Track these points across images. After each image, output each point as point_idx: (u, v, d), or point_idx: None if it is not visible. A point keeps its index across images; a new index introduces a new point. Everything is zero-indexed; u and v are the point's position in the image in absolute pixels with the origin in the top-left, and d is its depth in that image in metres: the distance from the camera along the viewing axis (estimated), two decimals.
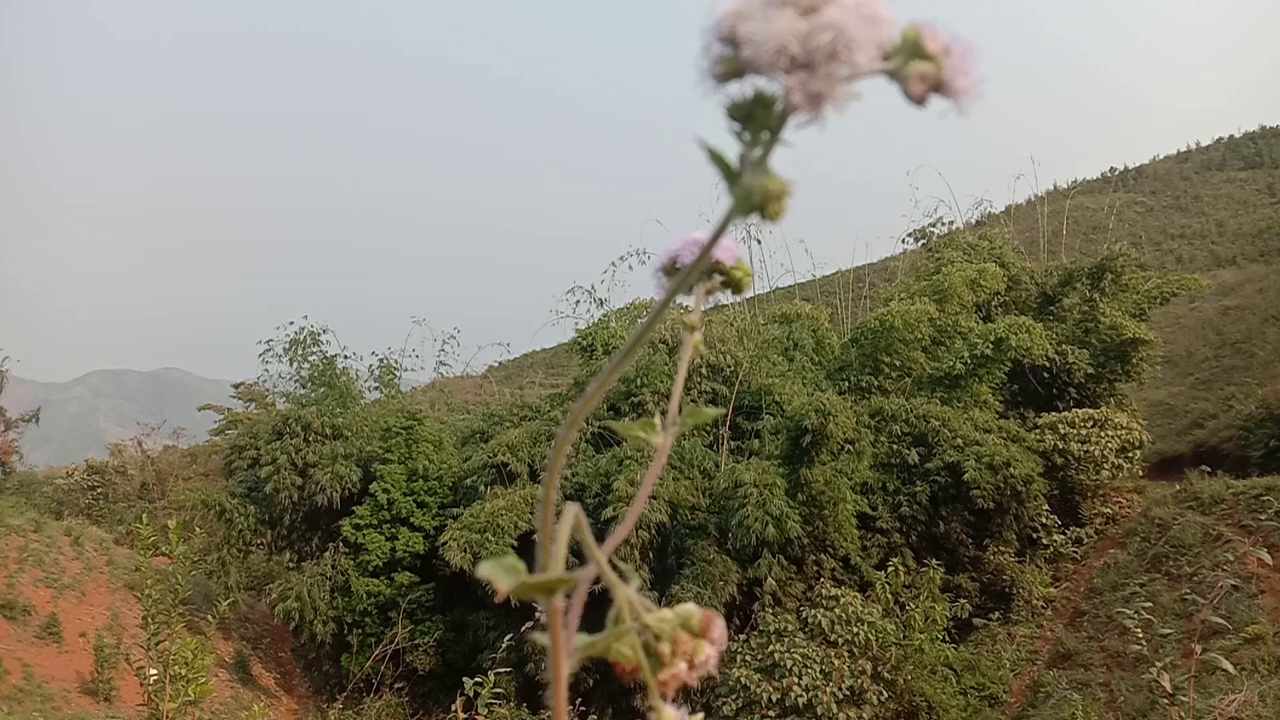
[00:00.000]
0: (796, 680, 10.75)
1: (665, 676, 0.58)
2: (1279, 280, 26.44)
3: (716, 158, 0.45)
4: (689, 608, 0.59)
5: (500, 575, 0.51)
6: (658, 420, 0.59)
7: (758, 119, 0.44)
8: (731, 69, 0.45)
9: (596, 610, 0.61)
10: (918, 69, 0.45)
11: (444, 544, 14.02)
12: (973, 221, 23.86)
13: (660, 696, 0.58)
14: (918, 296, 16.72)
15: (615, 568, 0.56)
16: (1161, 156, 52.46)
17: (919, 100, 0.46)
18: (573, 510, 0.54)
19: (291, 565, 16.57)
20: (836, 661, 11.04)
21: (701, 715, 0.61)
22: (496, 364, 36.24)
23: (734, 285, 0.61)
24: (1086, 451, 15.04)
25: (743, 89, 0.45)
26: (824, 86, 0.43)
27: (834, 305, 24.44)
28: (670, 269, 0.60)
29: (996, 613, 13.94)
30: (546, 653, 0.57)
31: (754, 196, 0.45)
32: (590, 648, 0.57)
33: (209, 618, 12.77)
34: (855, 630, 11.34)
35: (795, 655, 11.00)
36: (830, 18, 0.42)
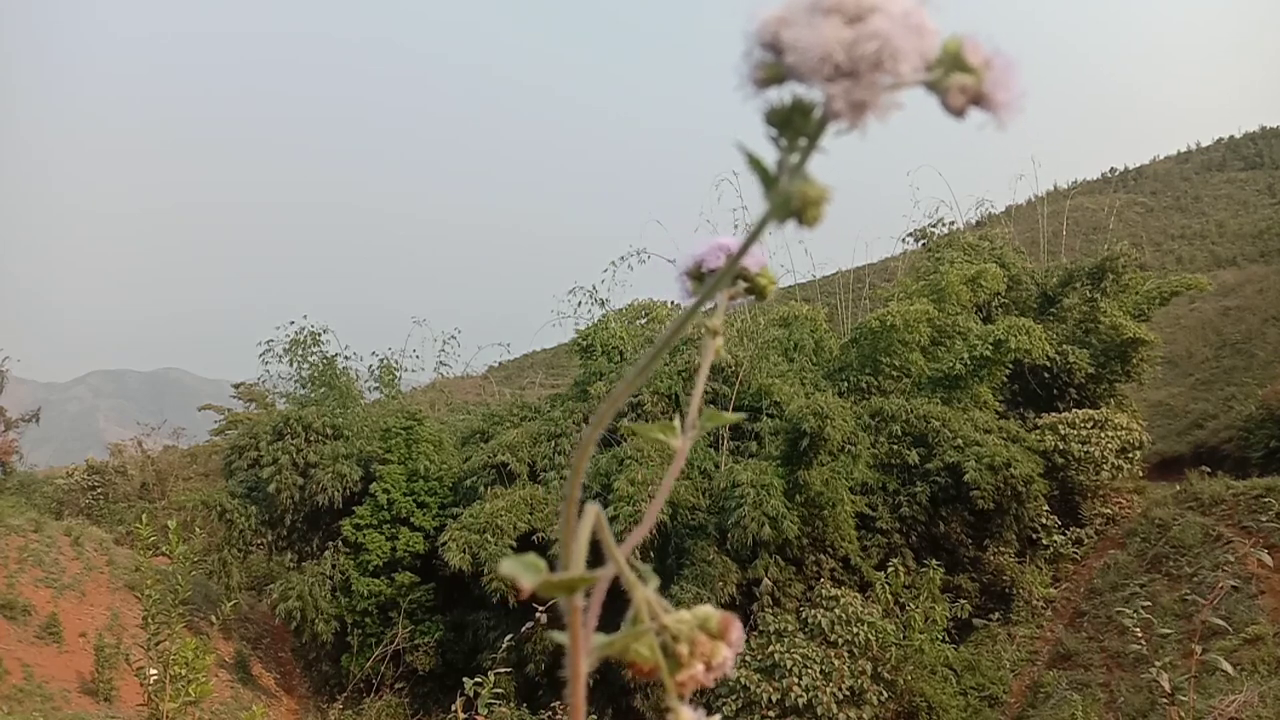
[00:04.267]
0: (796, 680, 10.76)
1: (683, 678, 0.58)
2: (1279, 281, 26.45)
3: (755, 163, 0.46)
4: (707, 609, 0.59)
5: (523, 573, 0.52)
6: (676, 423, 0.59)
7: (796, 125, 0.45)
8: (773, 74, 0.45)
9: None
10: (958, 81, 0.45)
11: (443, 544, 14.02)
12: (973, 222, 23.87)
13: (677, 697, 0.59)
14: (916, 296, 16.71)
15: (634, 568, 0.56)
16: (1162, 157, 52.53)
17: (958, 112, 0.46)
18: (594, 510, 0.55)
19: (292, 565, 16.58)
20: (836, 662, 11.04)
21: (719, 717, 0.62)
22: (497, 364, 36.24)
23: (758, 292, 0.61)
24: (1087, 452, 15.04)
25: (781, 95, 0.45)
26: (867, 95, 0.43)
27: (833, 305, 24.44)
28: (695, 273, 0.60)
29: (996, 613, 13.94)
30: (565, 651, 0.57)
31: (793, 202, 0.45)
32: (608, 647, 0.57)
33: (211, 618, 12.77)
34: (855, 630, 11.35)
35: (795, 655, 11.00)
36: (876, 27, 0.42)
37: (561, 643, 0.57)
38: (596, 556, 0.57)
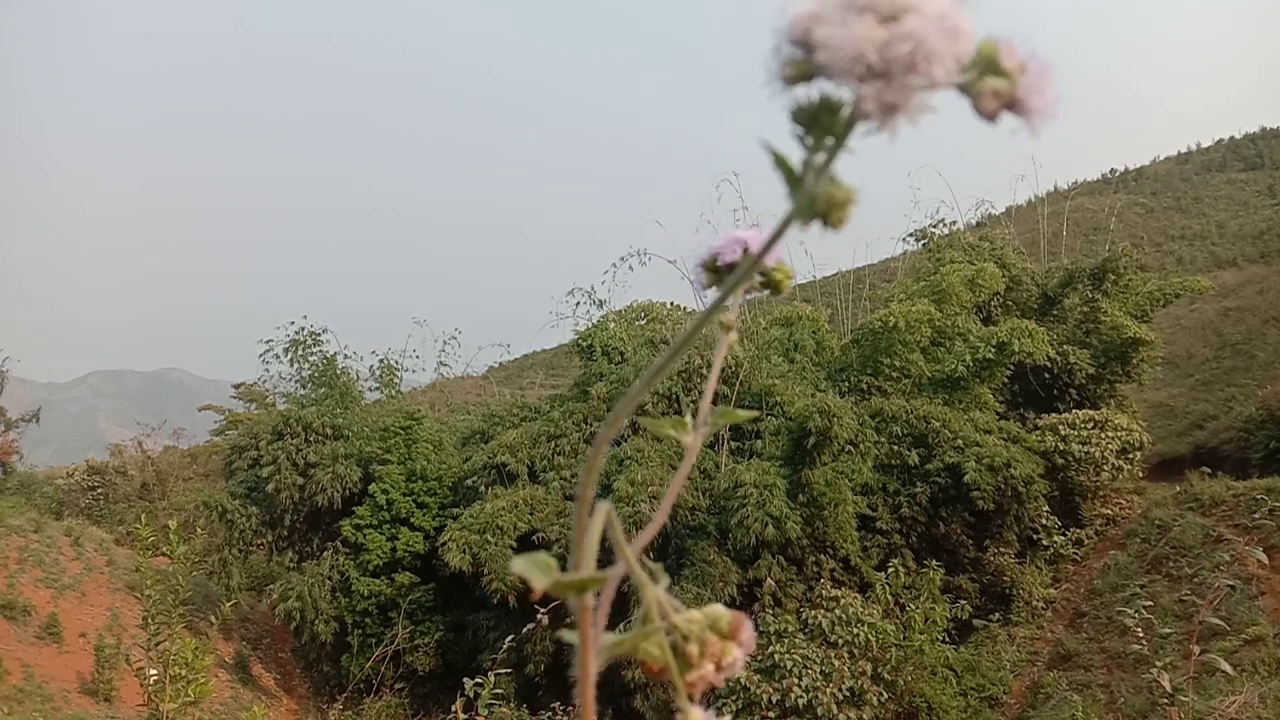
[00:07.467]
0: (797, 681, 10.75)
1: (693, 678, 0.58)
2: (1279, 282, 26.45)
3: (781, 162, 0.45)
4: (718, 609, 0.59)
5: (535, 573, 0.51)
6: (688, 419, 0.59)
7: (823, 124, 0.44)
8: (801, 72, 0.44)
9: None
10: (992, 85, 0.44)
11: (443, 544, 14.01)
12: (973, 222, 23.86)
13: (687, 698, 0.58)
14: (916, 297, 16.71)
15: (645, 567, 0.56)
16: (1162, 158, 52.50)
17: (990, 117, 0.45)
18: (604, 509, 0.54)
19: (292, 565, 16.57)
20: (837, 662, 11.04)
21: (729, 718, 0.61)
22: (496, 364, 36.25)
23: (773, 286, 0.60)
24: (1087, 453, 15.03)
25: (809, 93, 0.45)
26: (899, 97, 0.42)
27: (834, 306, 24.42)
28: (710, 265, 0.60)
29: (997, 614, 13.93)
30: (574, 650, 0.56)
31: (818, 203, 0.44)
32: (618, 646, 0.57)
33: (211, 618, 12.77)
34: (855, 631, 11.34)
35: (795, 656, 10.99)
36: (912, 28, 0.42)
37: (571, 642, 0.57)
38: (602, 556, 0.57)
